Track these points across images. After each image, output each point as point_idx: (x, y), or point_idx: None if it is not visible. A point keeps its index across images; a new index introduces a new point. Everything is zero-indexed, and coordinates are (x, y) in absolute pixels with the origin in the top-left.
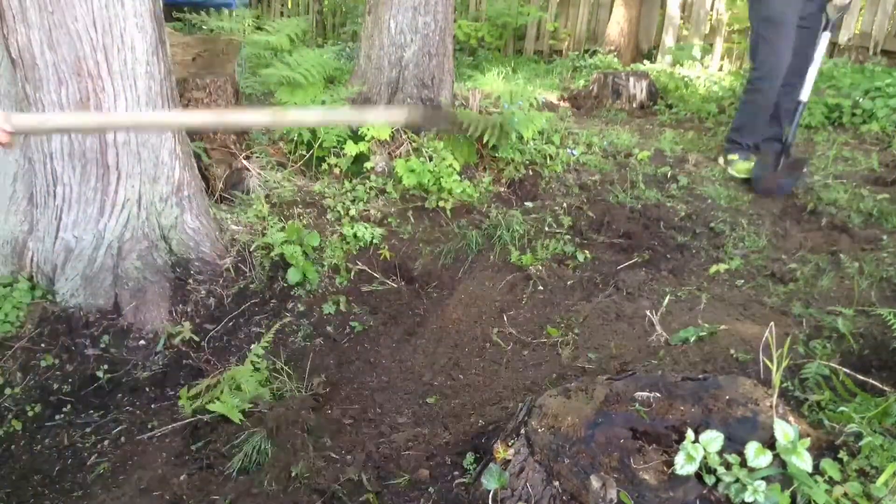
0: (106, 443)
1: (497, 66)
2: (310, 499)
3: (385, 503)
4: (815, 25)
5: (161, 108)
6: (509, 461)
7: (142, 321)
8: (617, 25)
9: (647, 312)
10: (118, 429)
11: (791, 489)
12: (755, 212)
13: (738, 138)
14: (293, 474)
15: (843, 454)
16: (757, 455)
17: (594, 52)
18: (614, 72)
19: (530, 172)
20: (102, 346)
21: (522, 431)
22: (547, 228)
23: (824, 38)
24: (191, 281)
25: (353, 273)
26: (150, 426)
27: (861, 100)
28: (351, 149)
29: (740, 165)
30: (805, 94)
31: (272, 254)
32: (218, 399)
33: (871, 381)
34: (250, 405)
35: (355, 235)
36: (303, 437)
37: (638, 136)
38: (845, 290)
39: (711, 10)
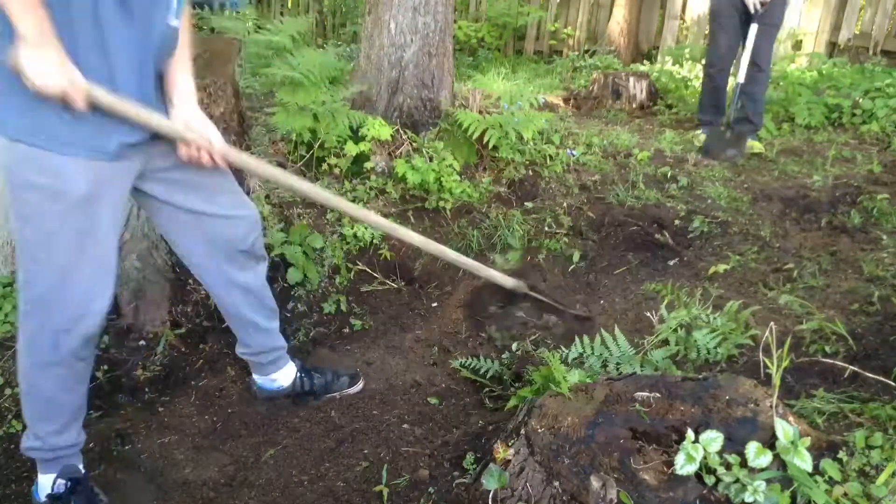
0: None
1: (497, 67)
2: (320, 499)
3: (385, 503)
4: (767, 21)
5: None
6: (509, 461)
7: (142, 321)
8: (617, 25)
9: (647, 312)
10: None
11: (791, 489)
12: (755, 212)
13: (701, 116)
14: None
15: (843, 454)
16: (757, 455)
17: (594, 52)
18: (614, 72)
19: (530, 172)
20: (102, 346)
21: (522, 431)
22: (547, 228)
23: (752, 28)
24: (191, 281)
25: (353, 273)
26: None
27: (861, 100)
28: (351, 149)
29: (702, 138)
30: (740, 76)
31: (272, 254)
32: None
33: (871, 381)
34: None
35: (355, 235)
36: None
37: (638, 136)
38: (845, 290)
39: None
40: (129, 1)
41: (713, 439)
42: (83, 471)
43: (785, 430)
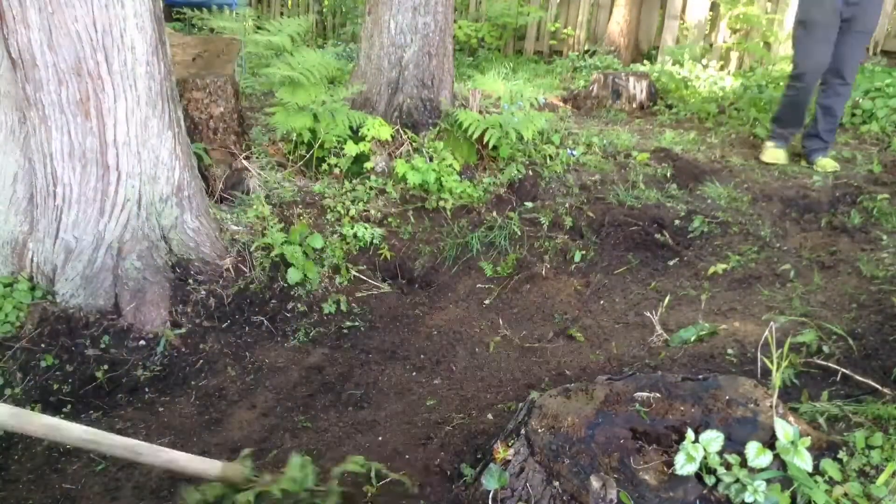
0: None
1: (497, 67)
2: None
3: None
4: (860, 28)
5: (161, 108)
6: (509, 461)
7: (142, 321)
8: (617, 25)
9: (647, 312)
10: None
11: (791, 489)
12: (755, 212)
13: (776, 128)
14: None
15: (843, 454)
16: (757, 455)
17: (594, 53)
18: (614, 72)
19: (530, 172)
20: (102, 346)
21: (522, 431)
22: (547, 229)
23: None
24: (191, 281)
25: (353, 273)
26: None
27: (861, 100)
28: (351, 149)
29: (770, 152)
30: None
31: (272, 254)
32: None
33: (870, 381)
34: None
35: (355, 235)
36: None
37: (638, 136)
38: (845, 290)
39: (711, 10)
40: None
41: (713, 439)
42: None
43: (785, 430)
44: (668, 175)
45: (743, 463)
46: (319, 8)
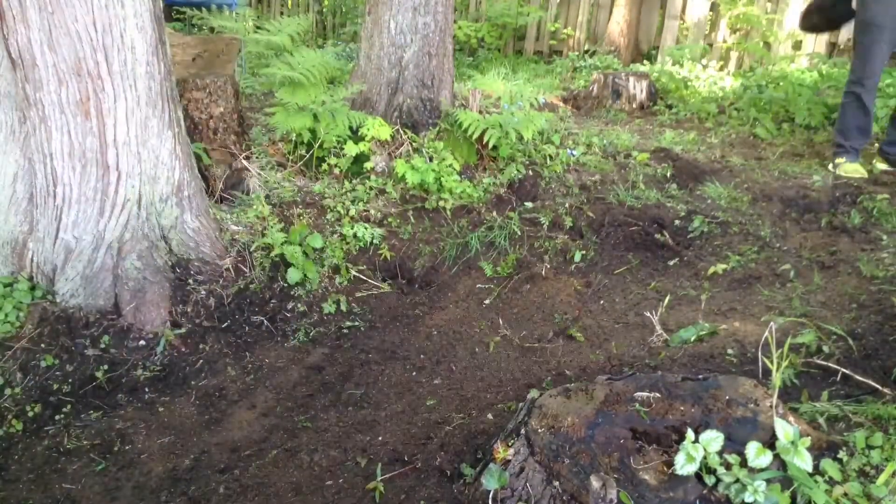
0: (104, 443)
1: (497, 67)
2: (313, 495)
3: (386, 503)
4: None
5: (161, 108)
6: (509, 461)
7: (142, 321)
8: (617, 25)
9: (647, 312)
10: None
11: (791, 489)
12: (755, 212)
13: (843, 141)
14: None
15: (843, 454)
16: (757, 455)
17: (594, 53)
18: (614, 72)
19: (530, 172)
20: (102, 346)
21: (522, 431)
22: (547, 229)
23: None
24: (191, 281)
25: (353, 273)
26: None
27: None
28: (351, 149)
29: (847, 167)
30: None
31: (272, 254)
32: None
33: (870, 381)
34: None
35: (355, 235)
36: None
37: (638, 136)
38: (845, 290)
39: (711, 10)
40: None
41: (713, 439)
42: None
43: (785, 430)
44: (668, 175)
45: (743, 463)
46: (319, 8)
